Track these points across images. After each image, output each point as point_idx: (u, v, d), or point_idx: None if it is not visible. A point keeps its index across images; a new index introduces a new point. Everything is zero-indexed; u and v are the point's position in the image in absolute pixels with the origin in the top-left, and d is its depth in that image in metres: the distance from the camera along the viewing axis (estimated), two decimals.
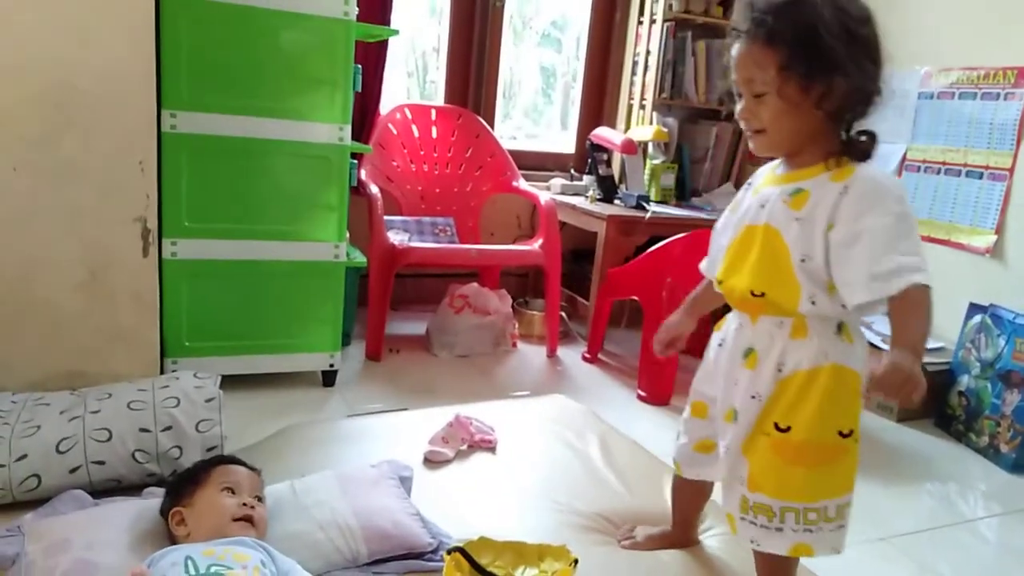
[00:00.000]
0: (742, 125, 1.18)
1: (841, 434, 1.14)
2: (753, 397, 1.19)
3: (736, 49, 1.13)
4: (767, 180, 1.22)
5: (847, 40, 1.07)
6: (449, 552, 1.35)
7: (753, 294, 1.17)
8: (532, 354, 2.97)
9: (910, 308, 1.03)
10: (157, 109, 1.84)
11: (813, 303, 1.12)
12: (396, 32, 2.46)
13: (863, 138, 1.13)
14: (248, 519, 1.29)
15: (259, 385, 2.28)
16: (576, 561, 1.33)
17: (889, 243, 1.04)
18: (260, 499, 1.37)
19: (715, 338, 1.32)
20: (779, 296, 1.15)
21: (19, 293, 1.66)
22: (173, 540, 1.30)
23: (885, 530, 1.92)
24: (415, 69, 3.54)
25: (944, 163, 2.77)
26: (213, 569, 1.14)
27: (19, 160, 1.60)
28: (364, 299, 2.80)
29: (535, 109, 3.92)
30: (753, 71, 1.10)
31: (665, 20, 3.31)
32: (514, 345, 2.97)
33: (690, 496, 1.51)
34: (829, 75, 1.07)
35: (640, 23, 3.45)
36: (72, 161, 1.64)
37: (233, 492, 1.33)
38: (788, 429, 1.15)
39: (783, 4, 1.09)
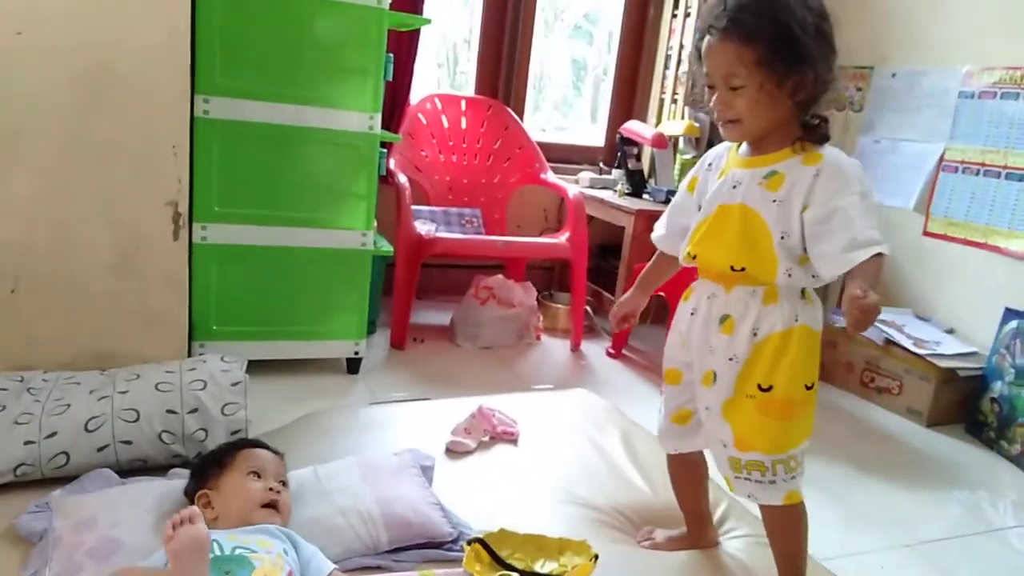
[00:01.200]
0: (715, 115, 1.24)
1: (807, 387, 1.26)
2: (731, 359, 1.28)
3: (710, 44, 1.20)
4: (734, 162, 1.29)
5: (815, 35, 1.16)
6: (469, 543, 1.35)
7: (734, 268, 1.26)
8: (556, 348, 2.96)
9: (872, 268, 1.13)
10: (191, 94, 1.85)
11: (789, 275, 1.22)
12: (428, 21, 2.45)
13: (818, 122, 1.23)
14: (274, 505, 1.30)
15: (283, 370, 2.30)
16: (596, 556, 1.32)
17: (857, 220, 1.14)
18: (284, 483, 1.38)
19: (685, 308, 1.39)
20: (758, 270, 1.24)
21: (53, 273, 1.68)
22: None
23: (911, 536, 1.89)
24: (445, 60, 3.54)
25: (983, 164, 2.70)
26: (238, 551, 1.15)
27: (56, 141, 1.62)
28: (389, 288, 2.81)
29: (565, 102, 3.90)
30: (733, 66, 1.17)
31: (699, 15, 3.27)
32: (538, 338, 2.97)
33: (686, 480, 1.54)
34: (801, 69, 1.16)
35: (674, 17, 3.41)
36: (107, 144, 1.66)
37: (259, 476, 1.34)
38: (771, 388, 1.25)
39: (758, 2, 1.16)
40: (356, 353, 2.38)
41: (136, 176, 1.70)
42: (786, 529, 1.36)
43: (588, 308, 3.07)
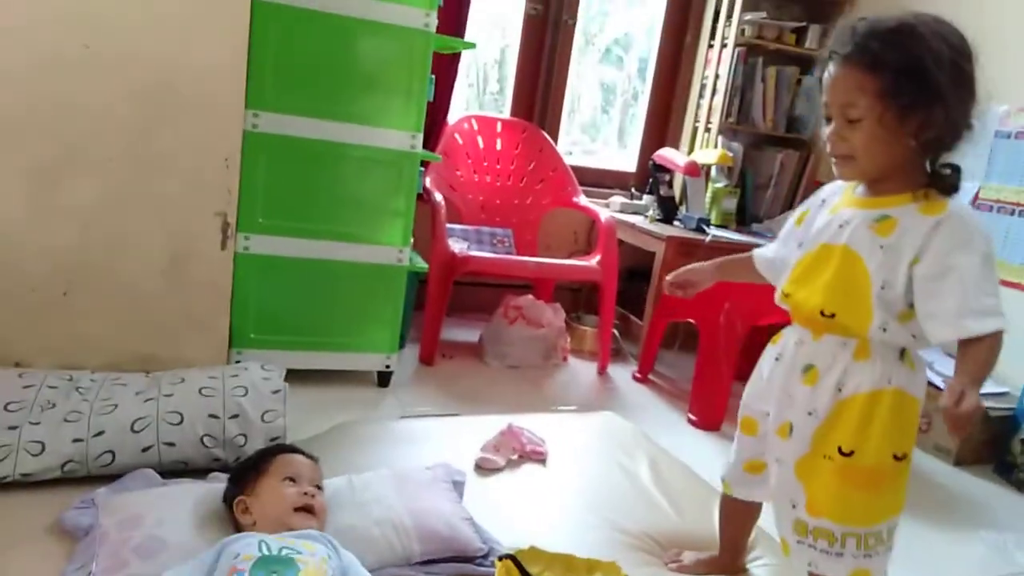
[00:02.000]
0: (829, 149, 1.16)
1: (896, 457, 1.16)
2: (810, 414, 1.20)
3: (833, 72, 1.12)
4: (847, 201, 1.22)
5: (951, 74, 1.07)
6: (500, 559, 1.37)
7: (823, 313, 1.17)
8: (582, 369, 2.98)
9: (985, 350, 1.05)
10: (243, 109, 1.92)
11: (884, 330, 1.13)
12: (473, 46, 2.52)
13: (949, 171, 1.13)
14: (309, 508, 1.33)
15: (316, 380, 2.34)
16: None
17: (978, 284, 1.05)
18: (320, 488, 1.41)
19: (770, 351, 1.33)
20: (850, 319, 1.15)
21: (105, 275, 1.74)
22: (237, 526, 1.35)
23: (937, 574, 1.88)
24: (476, 80, 3.60)
25: (1018, 204, 2.70)
26: (284, 552, 1.19)
27: (117, 150, 1.69)
28: (420, 303, 2.85)
29: (593, 125, 3.95)
30: (852, 95, 1.10)
31: (737, 45, 3.31)
32: (565, 359, 2.99)
33: (738, 518, 1.51)
34: (929, 107, 1.07)
35: (711, 46, 3.45)
36: (164, 154, 1.72)
37: (294, 482, 1.37)
38: (851, 453, 1.16)
39: (890, 31, 1.09)
40: (387, 367, 2.41)
41: (189, 186, 1.76)
42: None
43: (615, 331, 3.09)
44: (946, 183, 1.12)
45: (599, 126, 3.96)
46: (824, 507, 1.19)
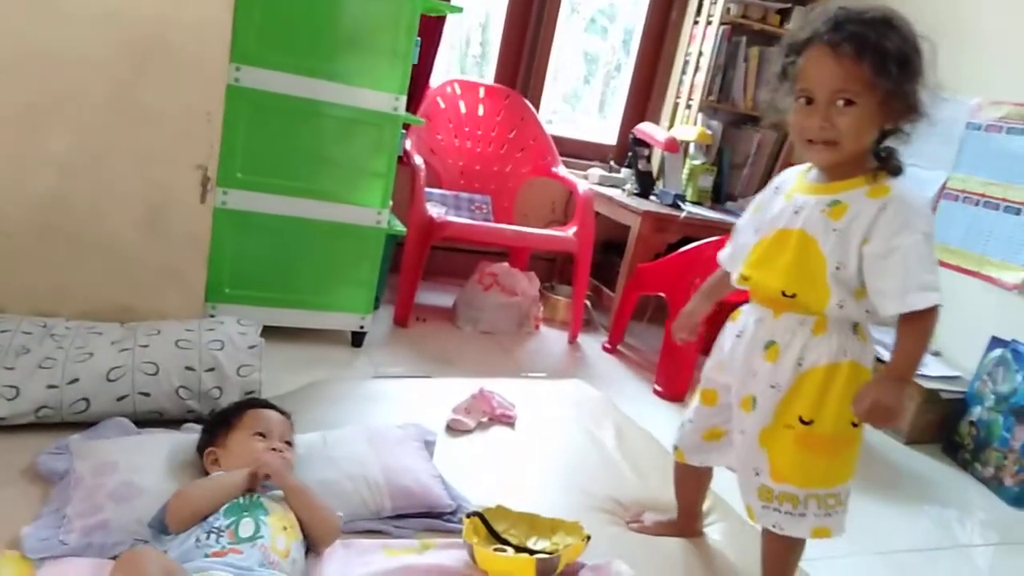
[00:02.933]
0: (809, 134, 1.19)
1: (853, 424, 1.25)
2: (772, 387, 1.27)
3: (819, 56, 1.15)
4: (800, 187, 1.28)
5: (924, 63, 1.15)
6: (468, 516, 1.42)
7: (784, 294, 1.24)
8: (554, 338, 3.03)
9: (920, 331, 1.17)
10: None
11: (841, 307, 1.21)
12: (460, 10, 2.50)
13: (893, 157, 1.20)
14: None
15: (290, 338, 2.35)
16: (588, 537, 1.39)
17: (920, 261, 1.14)
18: (289, 443, 1.44)
19: (731, 328, 1.39)
20: (810, 298, 1.22)
21: (85, 224, 1.73)
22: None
23: (883, 545, 1.97)
24: (458, 42, 3.56)
25: (983, 195, 2.78)
26: (256, 496, 1.23)
27: (100, 100, 1.67)
28: (395, 266, 2.87)
29: (574, 95, 3.95)
30: (844, 82, 1.14)
31: (722, 23, 3.33)
32: (537, 328, 3.04)
33: (692, 483, 1.59)
34: (911, 93, 1.14)
35: (696, 23, 3.46)
36: (149, 107, 1.71)
37: (264, 437, 1.40)
38: (811, 422, 1.24)
39: (875, 20, 1.14)
40: (361, 327, 2.44)
41: (172, 139, 1.75)
42: (786, 553, 1.38)
43: (587, 302, 3.14)
44: (894, 165, 1.20)
45: (580, 95, 3.97)
46: (787, 473, 1.27)
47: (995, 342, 2.57)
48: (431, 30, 2.89)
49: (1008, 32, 2.76)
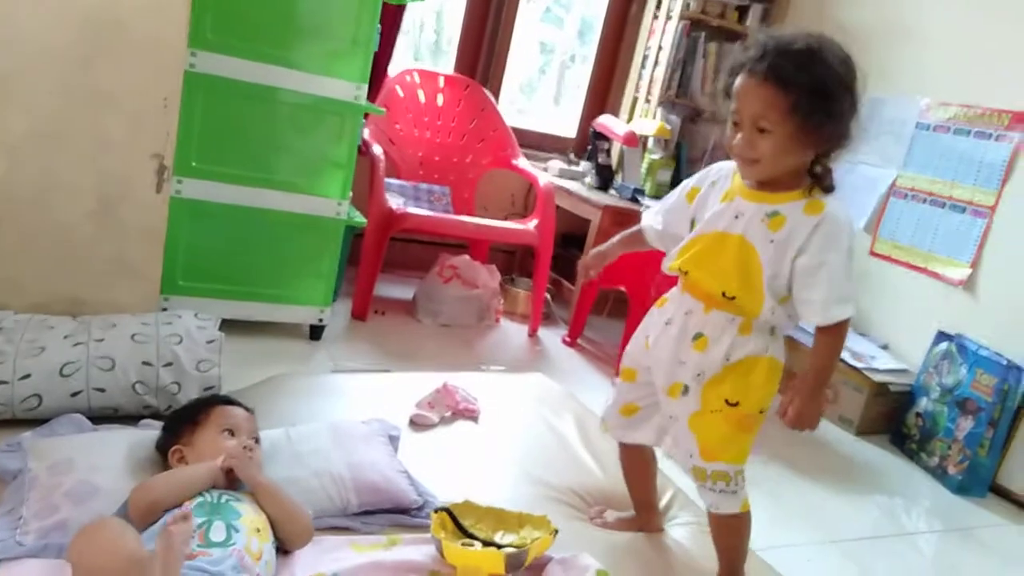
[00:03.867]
0: (735, 152, 1.27)
1: (761, 411, 1.37)
2: (699, 375, 1.36)
3: (745, 85, 1.22)
4: (740, 190, 1.33)
5: (848, 95, 1.21)
6: (436, 511, 1.42)
7: (725, 295, 1.32)
8: (514, 331, 3.03)
9: (835, 339, 1.29)
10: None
11: (772, 312, 1.31)
12: None
13: (828, 175, 1.28)
14: None
15: (246, 331, 2.30)
16: (556, 531, 1.40)
17: (842, 276, 1.25)
18: (257, 440, 1.42)
19: (659, 316, 1.45)
20: (747, 302, 1.31)
21: (35, 213, 1.66)
22: None
23: (834, 534, 2.03)
24: (411, 28, 3.51)
25: (931, 193, 2.87)
26: (224, 498, 1.20)
27: (52, 83, 1.60)
28: (353, 258, 2.83)
29: (529, 85, 3.94)
30: (764, 110, 1.20)
31: (681, 18, 3.36)
32: (497, 320, 3.04)
33: (637, 470, 1.63)
34: (831, 123, 1.21)
35: (656, 18, 3.49)
36: (101, 91, 1.64)
37: (232, 434, 1.36)
38: (737, 404, 1.34)
39: (800, 52, 1.19)
40: (320, 320, 2.40)
41: (127, 126, 1.69)
42: (739, 532, 1.45)
43: (547, 295, 3.15)
44: (827, 184, 1.27)
45: (535, 85, 3.96)
46: (718, 452, 1.37)
47: (941, 336, 2.66)
48: (390, 18, 2.85)
49: (956, 36, 2.85)
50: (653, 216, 1.51)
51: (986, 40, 2.75)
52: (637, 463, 1.61)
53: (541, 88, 3.94)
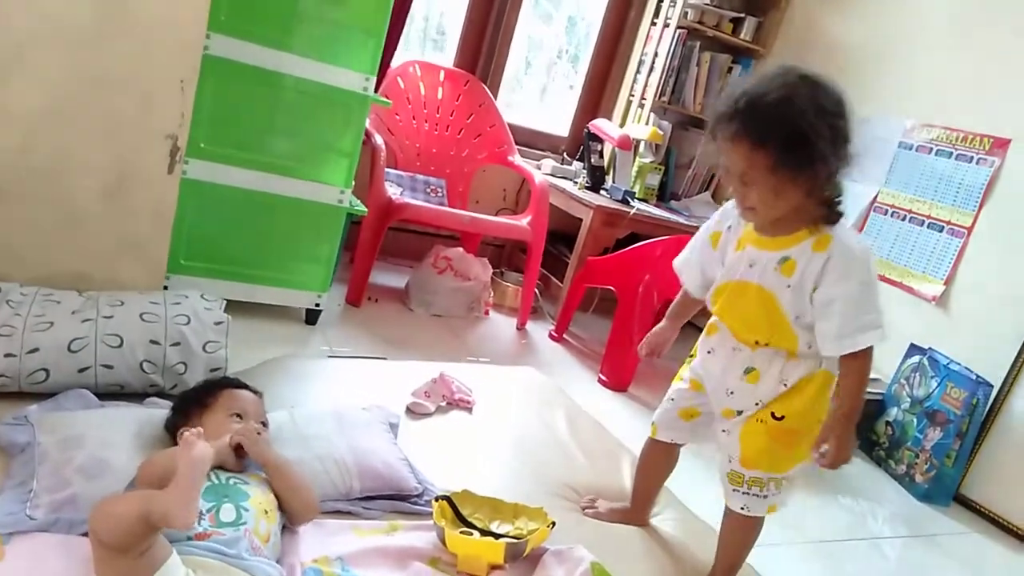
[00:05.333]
0: (734, 200, 1.32)
1: (813, 423, 1.36)
2: (756, 404, 1.40)
3: (723, 142, 1.24)
4: (751, 239, 1.37)
5: (830, 136, 1.19)
6: (437, 499, 1.46)
7: (757, 342, 1.38)
8: (502, 324, 3.08)
9: (857, 368, 1.30)
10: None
11: (809, 347, 1.34)
12: None
13: (836, 200, 1.29)
14: None
15: (243, 312, 2.32)
16: (553, 524, 1.45)
17: (857, 307, 1.26)
18: (265, 424, 1.45)
19: (704, 344, 1.50)
20: (781, 343, 1.36)
21: (46, 188, 1.66)
22: None
23: (806, 535, 2.12)
24: (409, 18, 3.49)
25: (910, 211, 2.97)
26: (232, 481, 1.23)
27: (71, 58, 1.60)
28: (348, 245, 2.85)
29: (515, 79, 3.96)
30: (744, 167, 1.23)
31: (679, 26, 3.42)
32: (486, 313, 3.08)
33: (656, 470, 1.67)
34: (814, 168, 1.21)
35: (653, 24, 3.54)
36: (118, 69, 1.65)
37: (240, 418, 1.38)
38: (783, 418, 1.37)
39: (771, 106, 1.18)
40: (317, 305, 2.43)
41: (142, 106, 1.70)
42: (748, 532, 1.50)
43: (536, 290, 3.20)
44: (832, 214, 1.29)
45: (521, 80, 3.98)
46: (756, 460, 1.41)
47: (913, 349, 2.77)
48: (396, 10, 2.87)
49: (943, 60, 2.95)
50: (689, 273, 1.54)
51: (972, 66, 2.85)
52: (661, 460, 1.66)
53: (528, 83, 3.96)
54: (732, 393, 1.42)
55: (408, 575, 1.31)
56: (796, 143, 1.18)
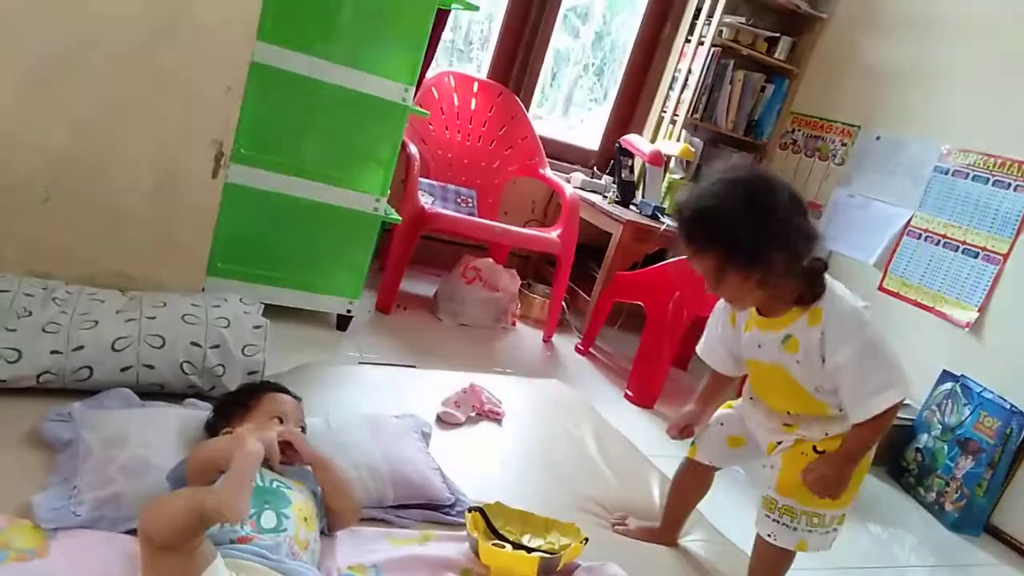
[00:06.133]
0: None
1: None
2: (799, 439, 1.43)
3: (682, 245, 1.32)
4: (755, 320, 1.42)
5: (769, 230, 1.24)
6: (470, 510, 1.47)
7: (789, 414, 1.43)
8: (529, 336, 3.09)
9: (876, 423, 1.31)
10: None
11: (840, 409, 1.37)
12: (477, 8, 2.52)
13: (816, 272, 1.32)
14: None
15: (275, 316, 2.31)
16: (586, 540, 1.45)
17: (865, 370, 1.29)
18: (303, 429, 1.46)
19: (748, 390, 1.54)
20: (812, 412, 1.40)
21: (93, 187, 1.69)
22: None
23: (828, 561, 2.08)
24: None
25: (944, 236, 2.95)
26: (275, 484, 1.24)
27: (121, 60, 1.63)
28: (378, 252, 2.87)
29: (540, 92, 3.97)
30: (701, 268, 1.31)
31: (713, 44, 3.42)
32: (513, 324, 3.09)
33: (688, 492, 1.68)
34: (762, 260, 1.25)
35: (688, 41, 3.55)
36: (167, 72, 1.68)
37: (281, 421, 1.40)
38: (824, 452, 1.39)
39: (700, 216, 1.28)
40: (348, 311, 2.45)
41: (189, 110, 1.73)
42: (777, 564, 1.49)
43: (563, 304, 3.21)
44: (815, 288, 1.32)
45: (546, 93, 3.99)
46: (792, 490, 1.41)
47: (946, 375, 2.74)
48: (436, 21, 2.90)
49: (981, 85, 2.93)
50: (715, 355, 1.57)
51: (1011, 91, 2.83)
52: (696, 482, 1.67)
53: (553, 95, 3.97)
54: (773, 434, 1.47)
55: None
56: (739, 248, 1.25)
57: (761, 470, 1.50)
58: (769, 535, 1.44)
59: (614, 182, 3.43)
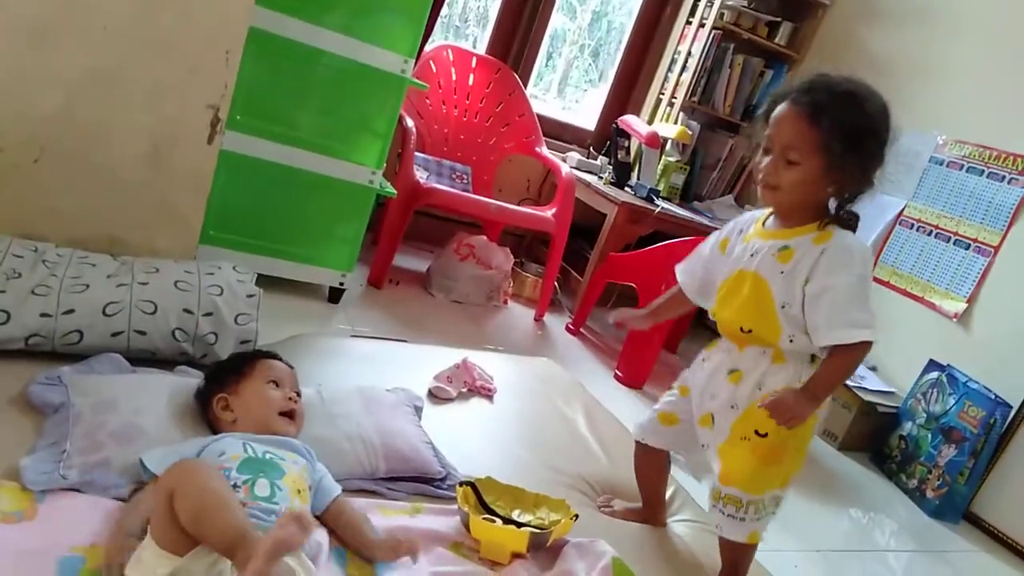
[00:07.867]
0: (759, 176, 1.32)
1: (796, 441, 1.38)
2: (732, 407, 1.40)
3: (783, 112, 1.27)
4: (757, 232, 1.40)
5: (878, 144, 1.24)
6: (461, 484, 1.47)
7: (742, 329, 1.38)
8: (520, 314, 3.09)
9: (843, 361, 1.29)
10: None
11: (791, 341, 1.34)
12: None
13: (850, 218, 1.31)
14: (291, 414, 1.38)
15: (267, 287, 2.28)
16: (576, 516, 1.46)
17: (850, 300, 1.26)
18: (298, 394, 1.45)
19: (701, 355, 1.53)
20: (764, 333, 1.36)
21: (87, 150, 1.67)
22: (211, 424, 1.38)
23: (814, 543, 2.13)
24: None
25: (936, 227, 2.96)
26: (268, 455, 1.23)
27: (117, 22, 1.60)
28: (371, 226, 2.85)
29: (535, 71, 3.94)
30: (795, 140, 1.25)
31: (714, 27, 3.40)
32: (505, 302, 3.08)
33: (650, 469, 1.68)
34: (853, 167, 1.24)
35: (688, 24, 3.53)
36: (164, 36, 1.65)
37: (277, 386, 1.41)
38: (766, 435, 1.36)
39: (844, 94, 1.24)
40: (341, 284, 2.44)
41: (186, 74, 1.70)
42: (736, 553, 1.48)
43: (555, 283, 3.20)
44: (845, 218, 1.30)
45: (542, 73, 3.96)
46: (735, 478, 1.40)
47: (932, 365, 2.76)
48: None
49: (979, 77, 2.93)
50: (688, 273, 1.56)
51: (1008, 84, 2.83)
52: (653, 465, 1.67)
53: (548, 76, 3.94)
54: (714, 397, 1.43)
55: (431, 559, 1.32)
56: (852, 137, 1.21)
57: (703, 452, 1.48)
58: (717, 527, 1.44)
59: (610, 163, 3.42)
